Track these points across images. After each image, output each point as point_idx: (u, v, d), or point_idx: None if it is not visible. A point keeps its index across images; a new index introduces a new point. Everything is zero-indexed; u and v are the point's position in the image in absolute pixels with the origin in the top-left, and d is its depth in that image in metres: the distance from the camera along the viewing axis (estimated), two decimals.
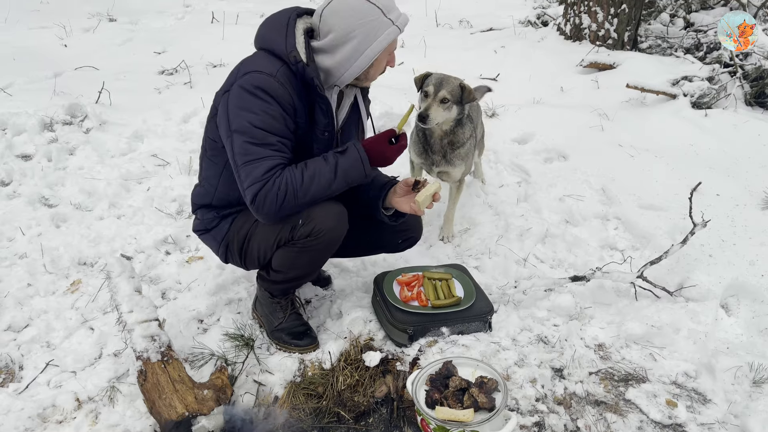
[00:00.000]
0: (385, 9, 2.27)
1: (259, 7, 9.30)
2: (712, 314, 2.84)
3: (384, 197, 2.58)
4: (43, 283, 3.13)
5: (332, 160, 2.30)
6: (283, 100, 2.26)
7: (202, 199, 2.66)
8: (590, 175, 4.10)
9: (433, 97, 3.11)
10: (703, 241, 3.28)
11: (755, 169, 4.04)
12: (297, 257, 2.49)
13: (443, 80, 3.14)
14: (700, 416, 2.36)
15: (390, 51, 2.39)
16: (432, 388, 2.27)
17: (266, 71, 2.26)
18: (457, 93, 3.15)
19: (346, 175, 2.31)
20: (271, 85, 2.24)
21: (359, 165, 2.33)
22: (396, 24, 2.30)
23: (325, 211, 2.38)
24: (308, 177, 2.25)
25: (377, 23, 2.26)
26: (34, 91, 5.44)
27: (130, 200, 3.94)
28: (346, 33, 2.26)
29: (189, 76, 6.20)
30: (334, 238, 2.45)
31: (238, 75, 2.31)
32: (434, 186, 2.43)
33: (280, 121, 2.27)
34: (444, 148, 3.34)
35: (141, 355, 2.32)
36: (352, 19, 2.24)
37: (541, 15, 8.13)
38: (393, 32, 2.29)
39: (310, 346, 2.69)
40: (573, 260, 3.34)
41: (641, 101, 5.23)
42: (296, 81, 2.31)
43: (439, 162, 3.38)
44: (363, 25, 2.25)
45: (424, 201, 2.41)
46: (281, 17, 2.36)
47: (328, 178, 2.28)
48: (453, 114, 3.20)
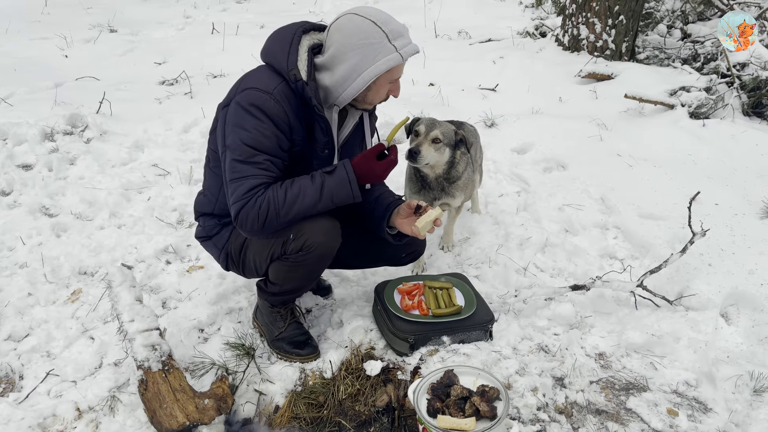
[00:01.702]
0: (391, 35, 2.23)
1: (259, 18, 9.35)
2: (712, 323, 2.85)
3: (388, 217, 2.57)
4: (44, 293, 3.14)
5: (318, 180, 2.29)
6: (278, 118, 2.26)
7: (204, 207, 2.68)
8: (589, 185, 4.12)
9: (424, 136, 3.00)
10: (703, 251, 3.28)
11: (753, 179, 4.06)
12: (290, 271, 2.49)
13: (435, 122, 3.07)
14: (701, 425, 2.36)
15: (392, 79, 2.34)
16: (433, 396, 2.27)
17: (263, 88, 2.27)
18: (450, 136, 3.07)
19: (333, 195, 2.30)
20: (266, 102, 2.25)
21: (346, 186, 2.31)
22: (399, 51, 2.25)
23: (316, 225, 2.37)
24: (292, 196, 2.25)
25: (379, 47, 2.23)
26: (35, 102, 5.46)
27: (130, 210, 3.94)
28: (346, 51, 2.24)
29: (189, 86, 6.22)
30: (325, 252, 2.44)
31: (238, 90, 2.33)
32: (435, 212, 2.41)
33: (271, 140, 2.27)
34: (441, 183, 3.23)
35: (142, 365, 2.32)
36: (353, 38, 2.22)
37: (540, 26, 8.18)
38: (393, 59, 2.25)
39: (311, 356, 2.69)
40: (573, 269, 3.35)
41: (639, 111, 5.25)
42: (295, 99, 2.30)
43: (438, 196, 3.27)
44: (363, 46, 2.22)
45: (424, 227, 2.40)
46: (287, 32, 2.35)
47: (313, 198, 2.28)
48: (445, 157, 3.09)
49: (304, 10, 9.93)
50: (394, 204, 2.59)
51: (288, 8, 10.45)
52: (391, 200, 2.62)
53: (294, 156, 2.39)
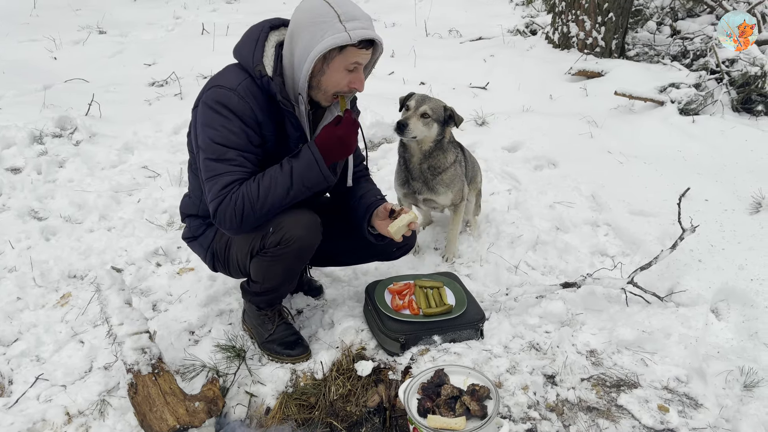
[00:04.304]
0: (343, 16, 2.15)
1: (249, 19, 9.22)
2: (702, 319, 2.86)
3: (368, 218, 2.58)
4: (33, 297, 3.12)
5: (287, 167, 2.29)
6: (244, 114, 2.25)
7: (189, 209, 2.69)
8: (580, 182, 4.13)
9: (414, 110, 3.05)
10: (693, 247, 3.30)
11: (743, 174, 4.08)
12: (270, 267, 2.48)
13: (426, 98, 3.10)
14: (692, 421, 2.36)
15: (347, 63, 2.24)
16: (424, 396, 2.26)
17: (227, 85, 2.26)
18: (440, 112, 3.09)
19: (303, 179, 2.29)
20: (230, 99, 2.24)
21: (314, 166, 2.29)
22: (348, 32, 2.14)
23: (295, 219, 2.36)
24: (264, 188, 2.25)
25: (327, 26, 2.15)
26: (23, 104, 5.43)
27: (120, 212, 3.92)
28: (298, 32, 2.20)
29: (179, 87, 6.20)
30: (304, 246, 2.42)
31: (205, 89, 2.34)
32: (408, 216, 2.42)
33: (240, 136, 2.26)
34: (424, 173, 3.20)
35: (131, 368, 2.31)
36: (304, 16, 2.19)
37: (530, 24, 8.21)
38: (340, 38, 2.14)
39: (303, 355, 2.69)
40: (564, 267, 3.35)
41: (629, 108, 5.27)
42: (261, 95, 2.29)
43: (420, 189, 3.24)
44: (313, 24, 2.16)
45: (397, 231, 2.41)
46: (255, 30, 2.36)
47: (285, 185, 2.27)
48: (433, 132, 3.09)
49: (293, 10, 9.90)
50: (374, 205, 2.60)
51: (278, 8, 10.41)
52: (372, 200, 2.63)
53: (267, 152, 2.38)
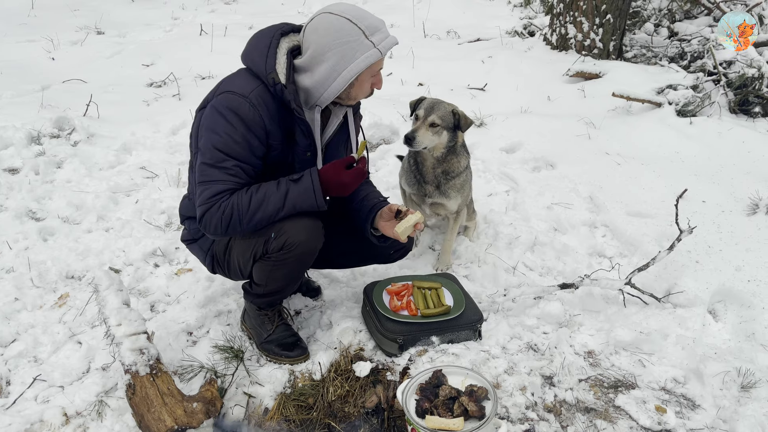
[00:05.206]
0: (367, 30, 2.22)
1: (247, 20, 9.33)
2: (699, 320, 2.87)
3: (372, 219, 2.58)
4: (31, 297, 3.11)
5: (283, 188, 2.29)
6: (252, 122, 2.25)
7: (188, 211, 2.67)
8: (578, 183, 4.14)
9: (422, 121, 3.02)
10: (690, 248, 3.31)
11: (740, 176, 4.09)
12: (273, 271, 2.48)
13: (435, 105, 3.06)
14: (689, 422, 2.37)
15: (373, 73, 2.34)
16: (422, 397, 2.27)
17: (239, 92, 2.26)
18: (449, 119, 3.06)
19: (295, 204, 2.30)
20: (241, 106, 2.24)
21: (311, 195, 2.30)
22: (377, 47, 2.24)
23: (298, 224, 2.36)
24: (255, 203, 2.26)
25: (356, 44, 2.21)
26: (21, 105, 5.42)
27: (118, 213, 3.92)
28: (323, 52, 2.23)
29: (178, 88, 6.20)
30: (306, 251, 2.42)
31: (215, 93, 2.33)
32: (415, 217, 2.43)
33: (242, 145, 2.26)
34: (438, 178, 3.20)
35: (129, 369, 2.31)
36: (328, 37, 2.21)
37: (528, 25, 8.21)
38: (373, 55, 2.24)
39: (301, 357, 2.69)
40: (562, 268, 3.36)
41: (627, 110, 5.28)
42: (273, 102, 2.29)
43: (432, 193, 3.23)
44: (340, 44, 2.21)
45: (404, 231, 2.42)
46: (266, 35, 2.33)
47: (276, 206, 2.28)
48: (443, 140, 3.08)
49: (293, 11, 9.91)
50: (378, 206, 2.59)
51: (277, 9, 10.43)
52: (375, 202, 2.62)
53: (273, 160, 2.38)
